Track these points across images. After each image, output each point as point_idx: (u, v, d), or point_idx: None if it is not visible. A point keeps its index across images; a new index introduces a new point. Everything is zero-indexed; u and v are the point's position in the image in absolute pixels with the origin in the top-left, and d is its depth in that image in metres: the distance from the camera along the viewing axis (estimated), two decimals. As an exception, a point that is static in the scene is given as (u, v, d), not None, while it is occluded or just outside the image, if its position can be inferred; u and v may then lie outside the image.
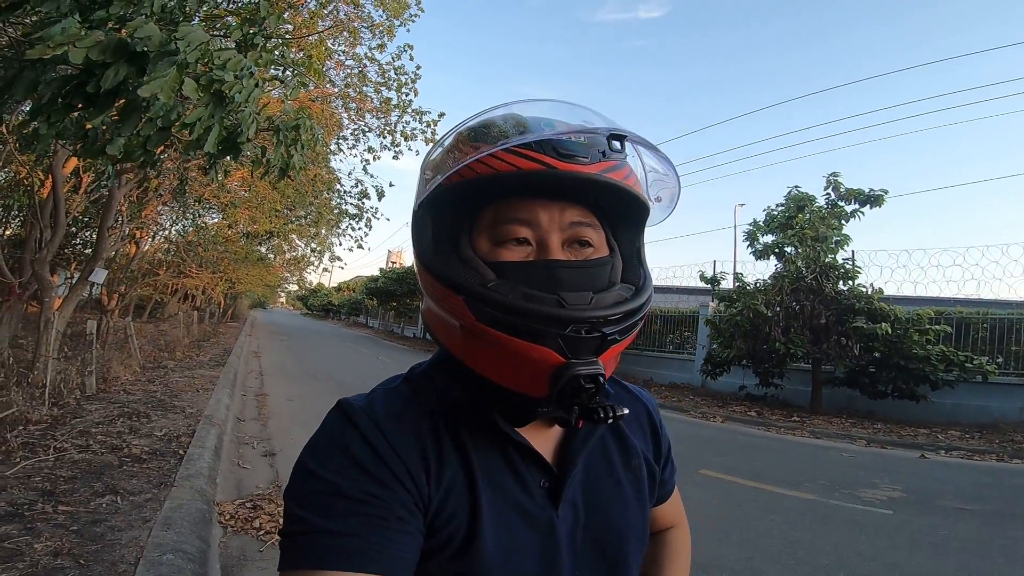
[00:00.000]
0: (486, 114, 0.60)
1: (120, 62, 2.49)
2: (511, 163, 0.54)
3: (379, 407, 0.59)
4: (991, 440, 7.67)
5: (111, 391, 6.36)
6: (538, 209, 0.57)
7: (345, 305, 55.67)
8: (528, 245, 0.57)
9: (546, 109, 0.59)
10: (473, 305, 0.53)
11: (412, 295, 30.32)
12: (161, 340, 12.33)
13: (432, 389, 0.63)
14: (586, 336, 0.52)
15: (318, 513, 0.51)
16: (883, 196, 10.09)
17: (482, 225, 0.58)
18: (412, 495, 0.54)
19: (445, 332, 0.60)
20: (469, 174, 0.55)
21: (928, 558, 3.48)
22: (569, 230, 0.58)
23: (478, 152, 0.54)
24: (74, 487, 3.24)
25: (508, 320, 0.52)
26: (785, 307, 10.07)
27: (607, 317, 0.53)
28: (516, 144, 0.54)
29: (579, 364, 0.51)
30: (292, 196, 11.06)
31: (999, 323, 9.58)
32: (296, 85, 5.02)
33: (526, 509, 0.58)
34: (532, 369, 0.52)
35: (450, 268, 0.57)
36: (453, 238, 0.59)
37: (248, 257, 17.90)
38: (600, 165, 0.55)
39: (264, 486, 4.10)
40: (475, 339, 0.55)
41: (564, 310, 0.52)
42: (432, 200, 0.59)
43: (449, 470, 0.57)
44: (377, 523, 0.51)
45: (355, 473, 0.53)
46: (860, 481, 5.39)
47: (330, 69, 8.16)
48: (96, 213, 10.03)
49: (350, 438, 0.56)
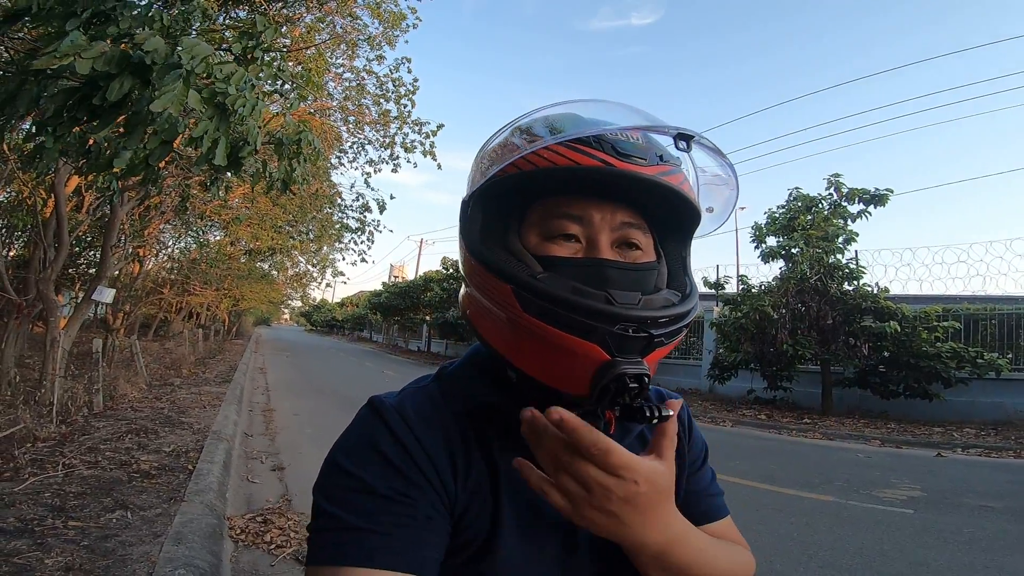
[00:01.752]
0: (544, 110, 0.60)
1: (124, 74, 2.51)
2: (571, 158, 0.53)
3: (410, 406, 0.59)
4: (1007, 436, 7.60)
5: (118, 408, 6.33)
6: (591, 207, 0.57)
7: (349, 320, 55.71)
8: (577, 242, 0.57)
9: (603, 110, 0.58)
10: (521, 296, 0.52)
11: (415, 309, 30.27)
12: (167, 358, 12.33)
13: (461, 390, 0.63)
14: (633, 335, 0.51)
15: (348, 510, 0.51)
16: (887, 195, 10.08)
17: (532, 219, 0.58)
18: (440, 495, 0.54)
19: (487, 324, 0.59)
20: (527, 166, 0.55)
21: (956, 556, 3.41)
22: (619, 231, 0.57)
23: (540, 143, 0.54)
24: (84, 503, 3.21)
25: (556, 313, 0.51)
26: (791, 309, 10.02)
27: (656, 318, 0.52)
28: (576, 138, 0.53)
29: (625, 363, 0.50)
30: (294, 212, 11.10)
31: (1007, 318, 9.53)
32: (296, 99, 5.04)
33: (548, 514, 0.57)
34: (576, 365, 0.51)
35: (499, 258, 0.56)
36: (501, 230, 0.59)
37: (251, 274, 17.96)
38: (658, 168, 0.54)
39: (274, 500, 4.06)
40: (519, 331, 0.54)
41: (613, 307, 0.51)
42: (487, 189, 0.58)
43: (475, 472, 0.57)
44: (405, 521, 0.51)
45: (385, 471, 0.53)
46: (877, 481, 5.32)
47: (328, 82, 8.22)
48: (99, 232, 10.08)
49: (381, 436, 0.56)
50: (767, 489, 4.95)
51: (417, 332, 33.35)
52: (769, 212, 11.20)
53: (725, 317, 11.56)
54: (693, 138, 0.52)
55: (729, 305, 11.53)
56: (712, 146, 0.55)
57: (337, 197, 11.82)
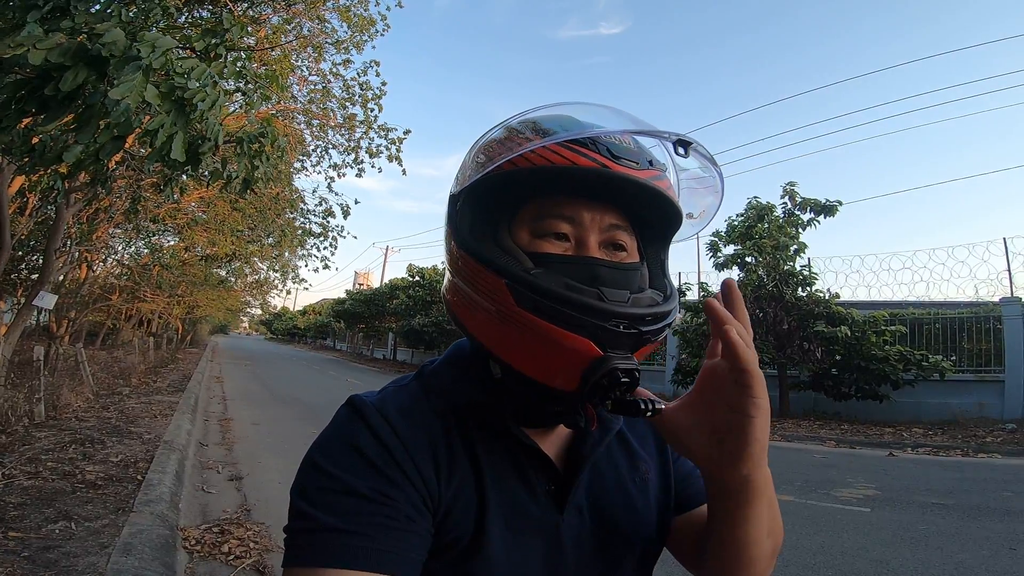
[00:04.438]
0: (540, 111, 0.60)
1: (80, 65, 2.41)
2: (568, 158, 0.53)
3: (391, 405, 0.58)
4: (954, 436, 7.98)
5: (62, 418, 6.01)
6: (582, 208, 0.57)
7: (311, 329, 54.48)
8: (567, 241, 0.57)
9: (598, 114, 0.59)
10: (515, 290, 0.52)
11: (380, 317, 29.84)
12: (115, 367, 11.77)
13: (443, 388, 0.62)
14: (624, 331, 0.52)
15: (326, 510, 0.50)
16: (836, 206, 10.54)
17: (524, 217, 0.58)
18: (422, 494, 0.53)
19: (475, 319, 0.58)
20: (524, 164, 0.55)
21: (913, 552, 3.52)
22: (607, 232, 0.58)
23: (538, 142, 0.54)
24: (24, 513, 3.03)
25: (550, 307, 0.51)
26: (749, 315, 10.30)
27: (644, 316, 0.53)
28: (574, 139, 0.54)
29: (617, 358, 0.51)
30: (254, 216, 10.80)
31: (949, 323, 10.05)
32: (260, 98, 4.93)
33: (531, 512, 0.58)
34: (567, 359, 0.51)
35: (492, 253, 0.56)
36: (492, 226, 0.59)
37: (207, 280, 17.35)
38: (649, 172, 0.56)
39: (232, 510, 3.91)
40: (510, 326, 0.53)
41: (605, 304, 0.52)
42: (479, 185, 0.58)
43: (459, 470, 0.57)
44: (386, 522, 0.50)
45: (365, 470, 0.52)
46: (834, 481, 5.50)
47: (293, 84, 8.08)
48: (43, 235, 9.59)
49: (361, 435, 0.55)
50: (730, 490, 5.05)
51: (382, 340, 32.87)
52: (729, 220, 11.55)
53: (687, 324, 11.81)
54: (691, 145, 0.53)
55: (691, 312, 11.79)
56: (707, 154, 0.56)
57: (299, 202, 11.58)
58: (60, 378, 7.83)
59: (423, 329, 22.90)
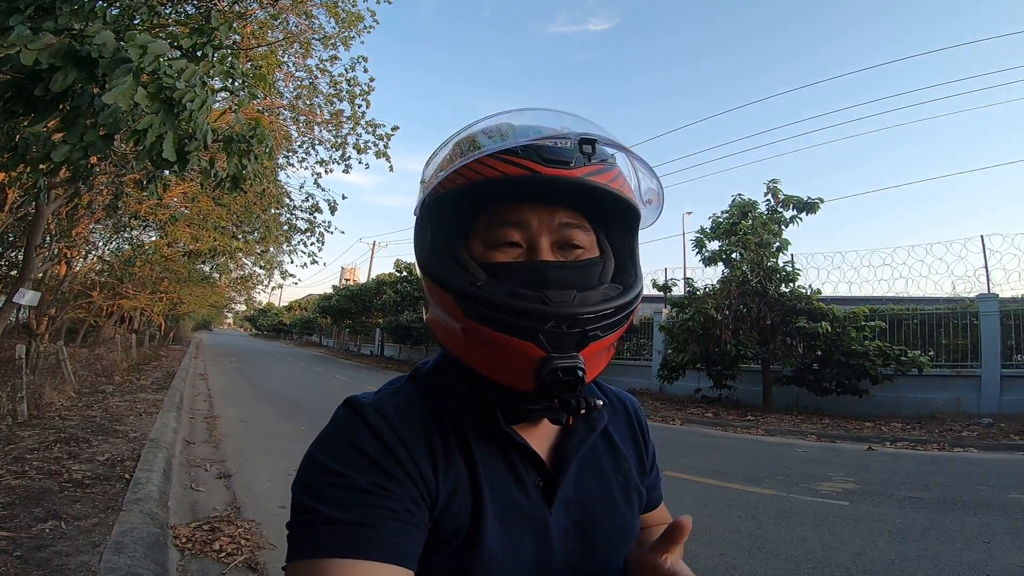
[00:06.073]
0: (481, 123, 0.63)
1: (69, 66, 2.40)
2: (498, 169, 0.56)
3: (388, 404, 0.61)
4: (931, 430, 8.15)
5: (45, 417, 5.93)
6: (527, 212, 0.59)
7: (297, 324, 53.97)
8: (519, 247, 0.59)
9: (534, 117, 0.62)
10: (461, 302, 0.56)
11: (367, 312, 29.67)
12: (97, 364, 11.62)
13: (436, 389, 0.65)
14: (567, 331, 0.54)
15: (329, 504, 0.52)
16: (818, 204, 10.69)
17: (478, 229, 0.61)
18: (420, 489, 0.56)
19: (445, 332, 0.62)
20: (460, 180, 0.58)
21: (890, 545, 3.62)
22: (558, 232, 0.60)
23: (462, 160, 0.57)
24: (13, 513, 3.02)
25: (492, 316, 0.54)
26: (734, 310, 10.47)
27: (587, 314, 0.55)
28: (498, 150, 0.56)
29: (559, 358, 0.53)
30: (238, 212, 10.70)
31: (928, 318, 10.26)
32: (247, 96, 4.89)
33: (523, 507, 0.60)
34: (516, 362, 0.54)
35: (445, 269, 0.59)
36: (450, 242, 0.61)
37: (191, 277, 17.13)
38: (584, 169, 0.57)
39: (221, 508, 3.91)
40: (467, 336, 0.57)
41: (545, 307, 0.54)
42: (430, 206, 0.62)
43: (455, 467, 0.59)
44: (387, 514, 0.52)
45: (365, 466, 0.54)
46: (816, 475, 5.62)
47: (279, 81, 8.00)
48: (22, 231, 9.41)
49: (360, 432, 0.57)
50: (716, 484, 5.15)
51: (370, 336, 32.68)
52: (714, 217, 11.66)
53: (673, 319, 11.94)
54: (596, 141, 0.56)
55: (676, 308, 11.91)
56: (616, 145, 0.58)
57: (285, 197, 11.48)
58: (42, 376, 7.73)
59: (410, 325, 22.83)
